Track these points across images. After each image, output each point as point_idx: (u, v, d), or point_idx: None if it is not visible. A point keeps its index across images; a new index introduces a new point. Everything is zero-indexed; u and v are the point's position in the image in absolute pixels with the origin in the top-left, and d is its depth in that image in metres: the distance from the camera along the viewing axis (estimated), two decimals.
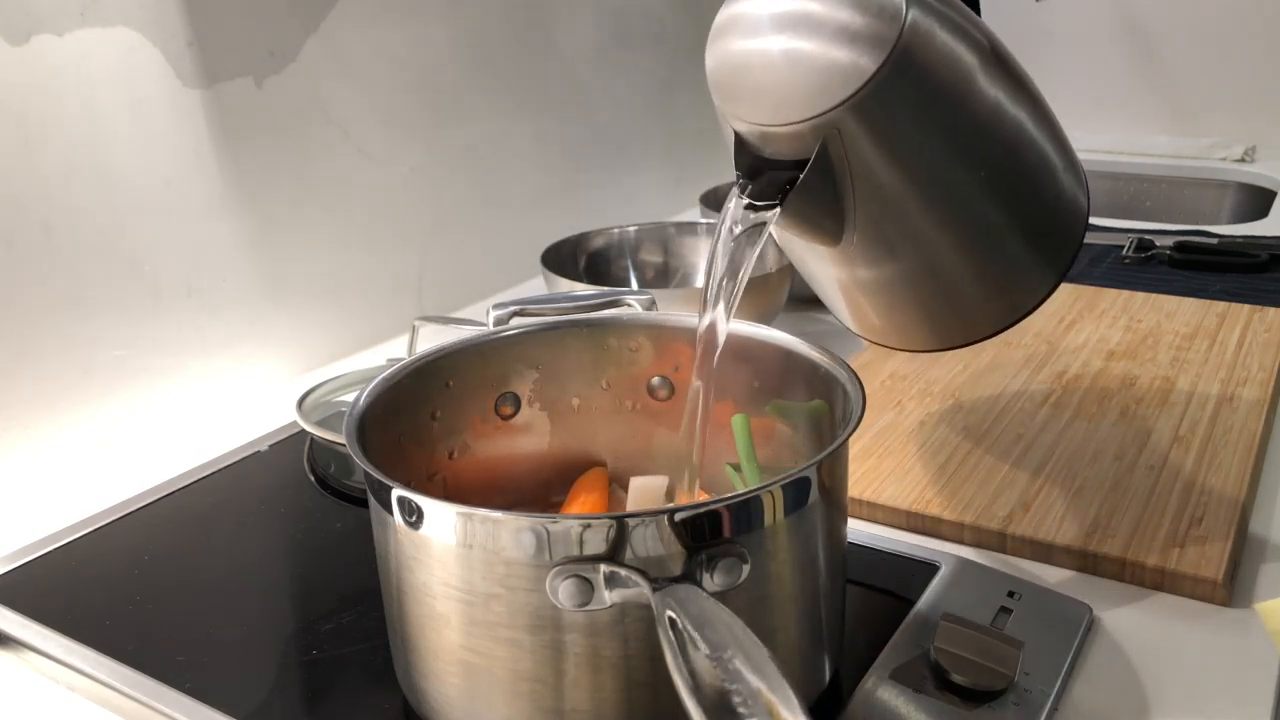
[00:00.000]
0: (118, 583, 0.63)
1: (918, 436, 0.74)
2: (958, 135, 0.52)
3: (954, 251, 0.55)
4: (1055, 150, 0.57)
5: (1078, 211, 0.59)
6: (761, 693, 0.34)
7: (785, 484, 0.44)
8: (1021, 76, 0.55)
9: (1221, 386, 0.80)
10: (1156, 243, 1.16)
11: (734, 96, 0.52)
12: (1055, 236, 0.58)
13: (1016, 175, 0.55)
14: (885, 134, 0.49)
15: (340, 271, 0.98)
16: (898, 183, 0.51)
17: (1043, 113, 0.56)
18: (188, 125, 0.83)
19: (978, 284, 0.58)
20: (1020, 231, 0.57)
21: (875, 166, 0.50)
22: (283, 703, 0.52)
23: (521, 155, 1.18)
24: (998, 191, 0.54)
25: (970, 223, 0.55)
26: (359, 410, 0.50)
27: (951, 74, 0.50)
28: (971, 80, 0.51)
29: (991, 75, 0.52)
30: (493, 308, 0.66)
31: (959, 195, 0.53)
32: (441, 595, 0.44)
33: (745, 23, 0.52)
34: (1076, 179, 0.59)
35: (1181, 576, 0.58)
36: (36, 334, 0.75)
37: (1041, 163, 0.56)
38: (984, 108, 0.52)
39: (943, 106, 0.51)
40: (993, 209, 0.55)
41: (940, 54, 0.50)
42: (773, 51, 0.51)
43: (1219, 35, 1.59)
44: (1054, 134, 0.57)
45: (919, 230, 0.54)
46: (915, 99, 0.49)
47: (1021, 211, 0.56)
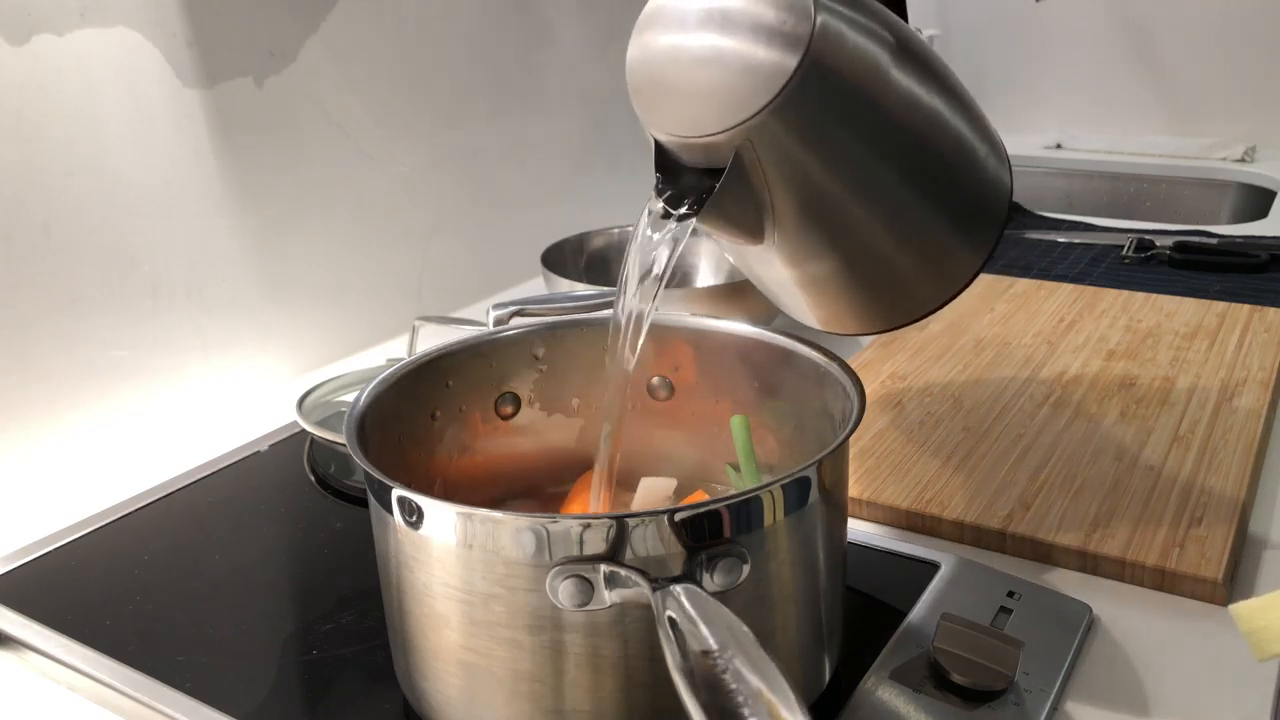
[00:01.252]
0: (118, 583, 0.63)
1: (918, 436, 0.74)
2: (871, 133, 0.52)
3: (877, 241, 0.56)
4: (974, 134, 0.58)
5: (1000, 189, 0.60)
6: (761, 693, 0.34)
7: (785, 484, 0.44)
8: (934, 66, 0.56)
9: (1221, 386, 0.80)
10: (1156, 243, 1.16)
11: (650, 107, 0.53)
12: (980, 217, 0.59)
13: (934, 165, 0.56)
14: (798, 140, 0.50)
15: (340, 271, 0.98)
16: (814, 183, 0.52)
17: (958, 99, 0.57)
18: (188, 125, 0.83)
19: (905, 270, 0.59)
20: (944, 217, 0.58)
21: (790, 170, 0.51)
22: (283, 703, 0.52)
23: (521, 155, 1.18)
24: (916, 182, 0.55)
25: (891, 213, 0.55)
26: (359, 410, 0.50)
27: (863, 74, 0.51)
28: (885, 76, 0.52)
29: (905, 68, 0.53)
30: (493, 308, 0.66)
31: (877, 189, 0.54)
32: (441, 595, 0.44)
33: (661, 34, 0.53)
34: (998, 158, 0.60)
35: (1181, 576, 0.58)
36: (36, 334, 0.75)
37: (959, 148, 0.57)
38: (898, 102, 0.53)
39: (855, 107, 0.51)
40: (912, 199, 0.56)
41: (851, 56, 0.50)
42: (688, 66, 0.51)
43: (1219, 35, 1.59)
44: (971, 118, 0.58)
45: (840, 224, 0.55)
46: (827, 104, 0.50)
47: (943, 199, 0.57)
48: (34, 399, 0.76)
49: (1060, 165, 1.67)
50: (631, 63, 0.54)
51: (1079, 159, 1.66)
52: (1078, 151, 1.68)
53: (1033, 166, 1.68)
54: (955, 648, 0.51)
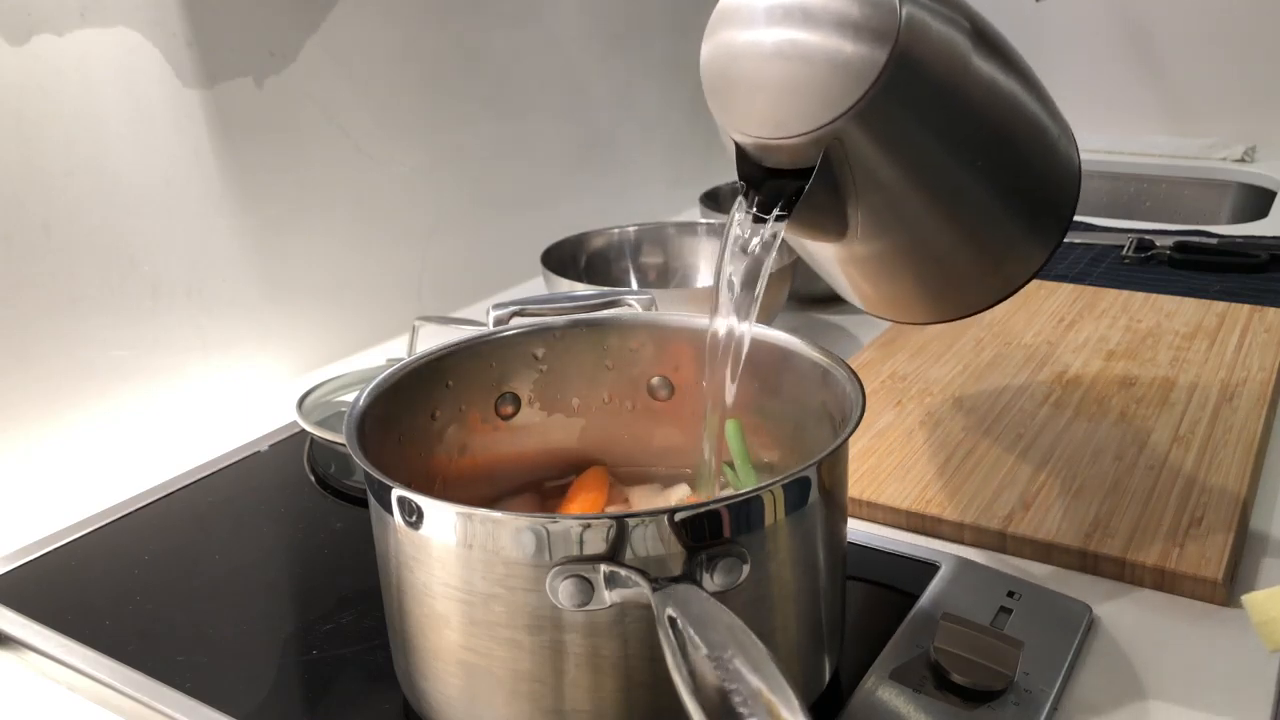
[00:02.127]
0: (118, 583, 0.63)
1: (918, 436, 0.74)
2: (958, 124, 0.51)
3: (953, 234, 0.56)
4: (1046, 114, 0.56)
5: (1071, 169, 0.59)
6: (761, 693, 0.34)
7: (785, 484, 0.44)
8: (1007, 46, 0.55)
9: (1221, 386, 0.80)
10: (1156, 243, 1.16)
11: (731, 109, 0.51)
12: (1051, 204, 0.58)
13: (1014, 152, 0.55)
14: (888, 136, 0.49)
15: (340, 271, 0.98)
16: (901, 179, 0.51)
17: (1029, 78, 0.56)
18: (188, 125, 0.83)
19: (975, 261, 0.58)
20: (1018, 206, 0.57)
21: (878, 168, 0.50)
22: (283, 703, 0.52)
23: (521, 155, 1.18)
24: (997, 171, 0.54)
25: (969, 205, 0.55)
26: (359, 410, 0.50)
27: (948, 64, 0.50)
28: (967, 65, 0.51)
29: (983, 54, 0.52)
30: (493, 308, 0.66)
31: (959, 182, 0.53)
32: (441, 595, 0.44)
33: (738, 32, 0.52)
34: (1067, 137, 0.58)
35: (1181, 576, 0.58)
36: (36, 334, 0.75)
37: (1036, 133, 0.56)
38: (980, 90, 0.52)
39: (943, 99, 0.50)
40: (991, 189, 0.55)
41: (936, 47, 0.49)
42: (768, 64, 0.50)
43: (1219, 35, 1.59)
44: (1041, 97, 0.56)
45: (919, 218, 0.54)
46: (916, 97, 0.49)
47: (1020, 187, 0.56)
48: (34, 399, 0.76)
49: None
50: (706, 63, 0.53)
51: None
52: None
53: None
54: (955, 648, 0.51)
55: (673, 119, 1.43)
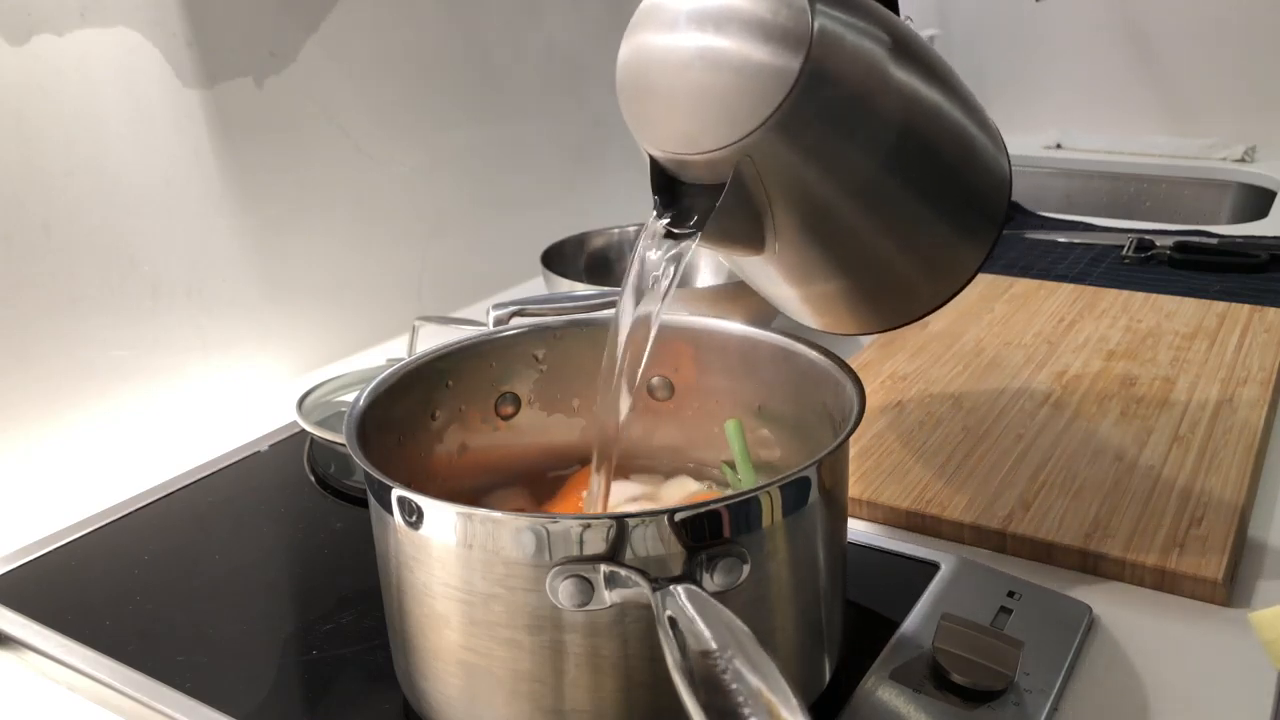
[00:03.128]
0: (118, 583, 0.63)
1: (918, 436, 0.74)
2: (874, 136, 0.51)
3: (880, 245, 0.55)
4: (972, 123, 0.56)
5: (1001, 178, 0.58)
6: (761, 693, 0.34)
7: (785, 484, 0.44)
8: (930, 60, 0.54)
9: (1221, 386, 0.80)
10: (1156, 243, 1.16)
11: (643, 123, 0.51)
12: (983, 210, 0.58)
13: (938, 162, 0.54)
14: (801, 151, 0.49)
15: (340, 271, 0.98)
16: (818, 192, 0.51)
17: (954, 88, 0.55)
18: (188, 125, 0.83)
19: (907, 271, 0.57)
20: (947, 215, 0.56)
21: (794, 182, 0.50)
22: (283, 703, 0.52)
23: (521, 155, 1.18)
24: (920, 183, 0.54)
25: (894, 216, 0.54)
26: (359, 410, 0.50)
27: (863, 76, 0.49)
28: (884, 76, 0.50)
29: (902, 65, 0.51)
30: (493, 308, 0.66)
31: (880, 193, 0.53)
32: (441, 595, 0.44)
33: (654, 37, 0.51)
34: (995, 144, 0.58)
35: (1181, 576, 0.58)
36: (36, 334, 0.75)
37: (962, 143, 0.55)
38: (899, 101, 0.51)
39: (858, 111, 0.49)
40: (916, 200, 0.54)
41: (850, 59, 0.48)
42: (680, 76, 0.49)
43: (1219, 35, 1.59)
44: (967, 105, 0.56)
45: (842, 231, 0.53)
46: (830, 111, 0.48)
47: (946, 196, 0.56)
48: (34, 399, 0.76)
49: (1060, 165, 1.67)
50: (621, 76, 0.52)
51: (1079, 159, 1.66)
52: (1078, 151, 1.68)
53: (1033, 166, 1.68)
54: (955, 648, 0.51)
55: None
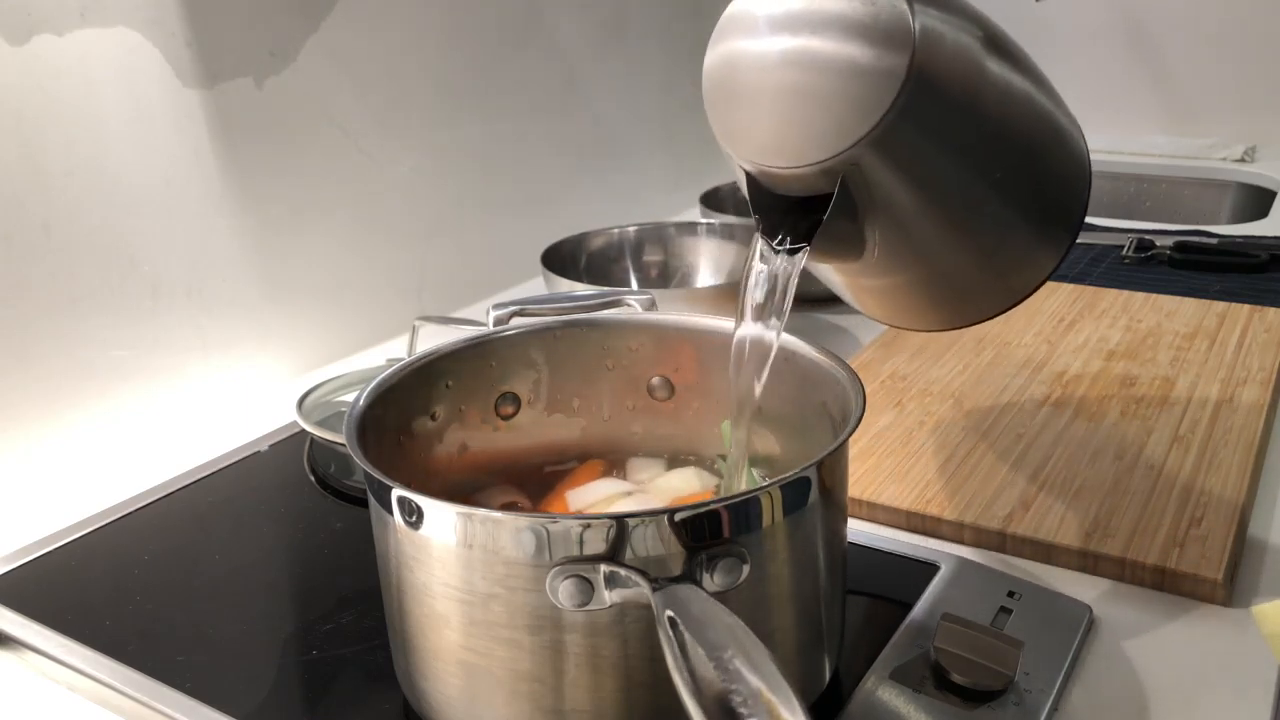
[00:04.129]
0: (118, 583, 0.63)
1: (917, 436, 0.74)
2: (977, 135, 0.49)
3: (968, 249, 0.54)
4: (1059, 111, 0.54)
5: (1082, 165, 0.56)
6: (761, 693, 0.34)
7: (785, 484, 0.44)
8: (1016, 46, 0.52)
9: (1221, 386, 0.80)
10: (1156, 243, 1.16)
11: (737, 137, 0.49)
12: (1064, 204, 0.56)
13: (1031, 156, 0.53)
14: (907, 158, 0.47)
15: (340, 271, 0.98)
16: (920, 198, 0.49)
17: (1039, 76, 0.54)
18: (188, 125, 0.83)
19: (987, 273, 0.56)
20: (1033, 211, 0.55)
21: (897, 190, 0.48)
22: (283, 703, 0.52)
23: (521, 155, 1.18)
24: (1016, 179, 0.52)
25: (985, 218, 0.53)
26: (359, 410, 0.50)
27: (965, 76, 0.48)
28: (983, 72, 0.49)
29: (996, 58, 0.49)
30: (493, 308, 0.66)
31: (978, 194, 0.51)
32: (441, 595, 0.44)
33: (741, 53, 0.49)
34: (1078, 130, 0.56)
35: (1181, 576, 0.58)
36: (36, 334, 0.75)
37: (1052, 132, 0.54)
38: (996, 96, 0.49)
39: (961, 112, 0.48)
40: (1008, 198, 0.53)
41: (952, 59, 0.47)
42: (775, 87, 0.47)
43: (1219, 35, 1.59)
44: (1051, 94, 0.54)
45: (936, 235, 0.52)
46: (935, 115, 0.47)
47: (1036, 193, 0.54)
48: (34, 399, 0.76)
49: None
50: (709, 86, 0.50)
51: None
52: None
53: None
54: (955, 648, 0.51)
55: (673, 119, 1.43)
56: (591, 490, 0.60)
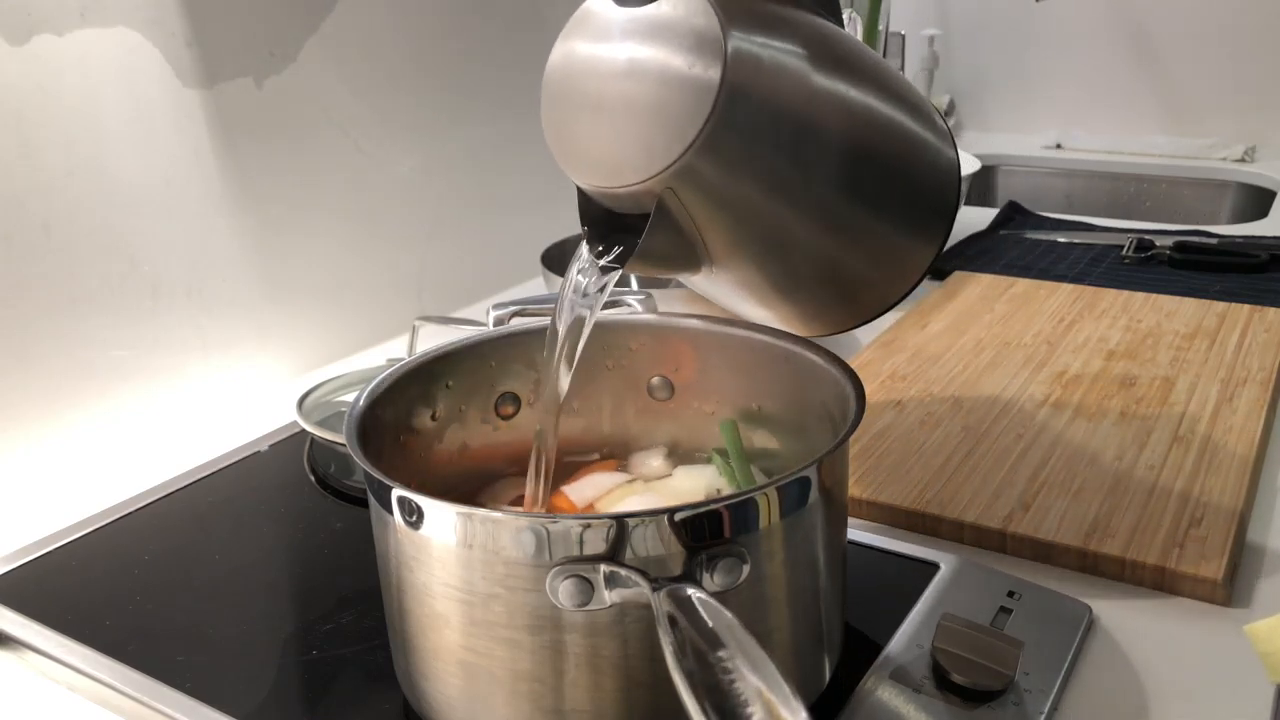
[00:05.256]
0: (118, 583, 0.63)
1: (917, 436, 0.74)
2: (801, 149, 0.49)
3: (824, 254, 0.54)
4: (913, 120, 0.54)
5: (948, 171, 0.57)
6: (761, 693, 0.34)
7: (785, 484, 0.44)
8: (857, 58, 0.52)
9: (1221, 386, 0.80)
10: (1156, 243, 1.16)
11: (567, 156, 0.50)
12: (931, 206, 0.57)
13: (874, 166, 0.53)
14: (725, 175, 0.48)
15: (340, 271, 0.98)
16: (747, 212, 0.50)
17: (888, 87, 0.53)
18: (188, 125, 0.83)
19: (854, 276, 0.56)
20: (891, 216, 0.55)
21: (720, 205, 0.49)
22: (283, 703, 0.52)
23: (521, 155, 1.18)
24: (858, 189, 0.53)
25: (834, 225, 0.53)
26: (359, 410, 0.50)
27: (783, 91, 0.48)
28: (807, 87, 0.49)
29: (826, 72, 0.50)
30: (493, 308, 0.66)
31: (815, 204, 0.51)
32: (441, 595, 0.44)
33: (571, 77, 0.50)
34: (939, 137, 0.56)
35: (1181, 576, 0.58)
36: (36, 334, 0.75)
37: (900, 142, 0.54)
38: (825, 110, 0.50)
39: (780, 128, 0.48)
40: (855, 207, 0.53)
41: (768, 77, 0.47)
42: (596, 112, 0.49)
43: (1219, 35, 1.59)
44: (906, 104, 0.54)
45: (779, 245, 0.52)
46: (751, 132, 0.47)
47: (888, 198, 0.54)
48: (34, 399, 0.76)
49: (1060, 165, 1.67)
50: (544, 111, 0.51)
51: (1079, 159, 1.66)
52: (1078, 151, 1.68)
53: (1033, 166, 1.68)
54: (955, 648, 0.51)
55: None
56: (590, 484, 0.60)
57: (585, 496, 0.59)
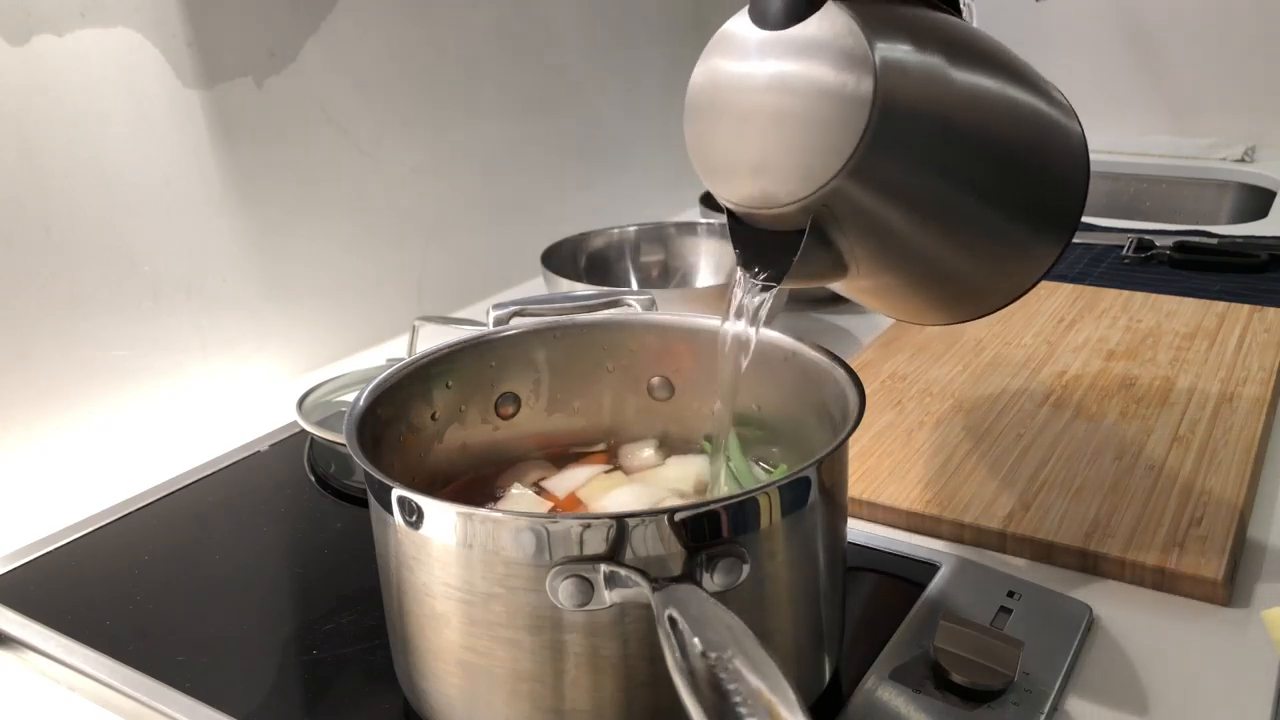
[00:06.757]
0: (118, 583, 0.63)
1: (917, 436, 0.74)
2: (951, 152, 0.49)
3: (960, 256, 0.54)
4: (1044, 103, 0.54)
5: (1079, 147, 0.56)
6: (761, 693, 0.34)
7: (785, 484, 0.44)
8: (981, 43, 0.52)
9: (1221, 386, 0.80)
10: (1156, 243, 1.16)
11: (717, 178, 0.51)
12: (1060, 197, 0.56)
13: (1014, 157, 0.53)
14: (878, 191, 0.48)
15: (340, 271, 0.98)
16: (898, 223, 0.50)
17: (1012, 67, 0.53)
18: (188, 125, 0.83)
19: (985, 273, 0.56)
20: (1026, 209, 0.55)
21: (872, 220, 0.49)
22: (283, 703, 0.52)
23: (521, 155, 1.18)
24: (1000, 183, 0.53)
25: (974, 226, 0.53)
26: (359, 410, 0.50)
27: (931, 96, 0.48)
28: (949, 86, 0.49)
29: (961, 65, 0.49)
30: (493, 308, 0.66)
31: (961, 207, 0.51)
32: (441, 595, 0.44)
33: (721, 99, 0.50)
34: (1065, 112, 0.56)
35: (1181, 576, 0.58)
36: (36, 334, 0.75)
37: (1037, 131, 0.54)
38: (966, 106, 0.50)
39: (932, 134, 0.48)
40: (995, 202, 0.53)
41: (915, 83, 0.47)
42: (746, 134, 0.49)
43: (1219, 35, 1.59)
44: (1033, 87, 0.54)
45: (923, 251, 0.52)
46: (904, 147, 0.47)
47: (1026, 187, 0.54)
48: (34, 399, 0.76)
49: None
50: (690, 133, 0.51)
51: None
52: None
53: None
54: (955, 648, 0.51)
55: (673, 119, 1.42)
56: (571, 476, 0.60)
57: (565, 487, 0.59)
